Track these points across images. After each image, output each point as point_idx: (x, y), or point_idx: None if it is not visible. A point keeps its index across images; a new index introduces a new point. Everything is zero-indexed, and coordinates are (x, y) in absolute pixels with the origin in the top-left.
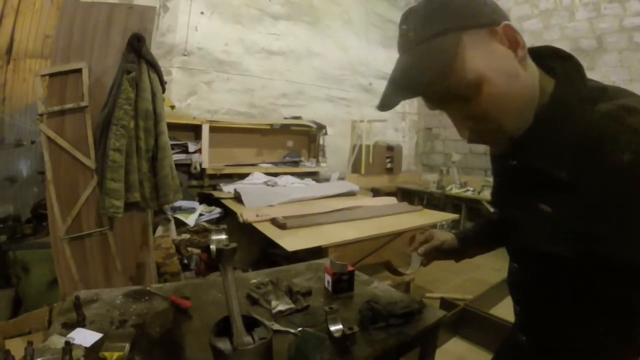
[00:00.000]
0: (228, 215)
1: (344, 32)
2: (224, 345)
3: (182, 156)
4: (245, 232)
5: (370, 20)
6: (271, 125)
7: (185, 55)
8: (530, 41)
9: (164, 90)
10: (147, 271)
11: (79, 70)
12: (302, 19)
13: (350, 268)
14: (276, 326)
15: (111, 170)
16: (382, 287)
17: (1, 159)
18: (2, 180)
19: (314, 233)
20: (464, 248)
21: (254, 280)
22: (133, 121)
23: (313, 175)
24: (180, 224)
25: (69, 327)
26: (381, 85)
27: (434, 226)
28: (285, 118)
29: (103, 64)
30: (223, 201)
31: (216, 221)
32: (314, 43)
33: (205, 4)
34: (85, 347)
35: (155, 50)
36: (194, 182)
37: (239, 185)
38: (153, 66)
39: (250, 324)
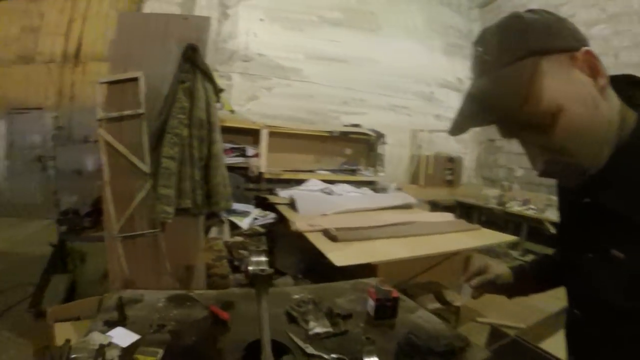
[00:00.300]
0: (282, 221)
1: (405, 39)
2: None
3: (240, 159)
4: (298, 238)
5: (432, 26)
6: (330, 132)
7: (245, 61)
8: (598, 49)
9: (218, 100)
10: (196, 274)
11: (136, 79)
12: (363, 26)
13: (394, 294)
14: (310, 349)
15: (163, 177)
16: (426, 316)
17: (70, 153)
18: (70, 172)
19: (365, 248)
20: (518, 285)
21: (296, 296)
22: (187, 130)
23: (370, 184)
24: (234, 227)
25: (111, 325)
26: (443, 94)
27: (490, 249)
28: (345, 125)
29: (159, 72)
30: (277, 207)
31: (269, 226)
32: (375, 50)
33: (265, 11)
34: (122, 347)
35: (216, 56)
36: (251, 186)
37: (294, 192)
38: (207, 76)
39: (280, 350)
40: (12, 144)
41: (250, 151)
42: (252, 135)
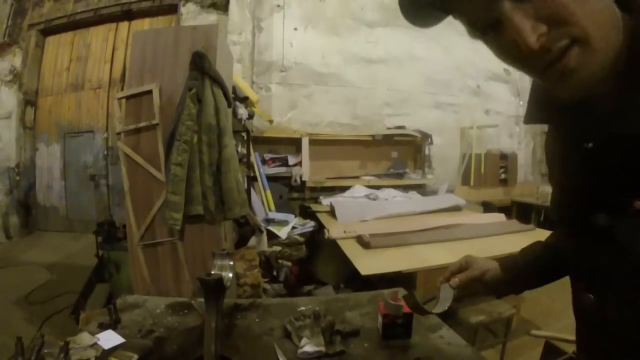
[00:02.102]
0: (322, 229)
1: (446, 32)
2: None
3: (282, 169)
4: (339, 247)
5: None
6: (373, 136)
7: (282, 71)
8: None
9: (229, 105)
10: None
11: (151, 92)
12: (400, 23)
13: (407, 310)
14: None
15: (172, 184)
16: (449, 337)
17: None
18: (121, 188)
19: (400, 255)
20: (510, 280)
21: (302, 308)
22: (196, 136)
23: (419, 187)
24: (273, 236)
25: (103, 327)
26: (490, 87)
27: None
28: (389, 128)
29: (173, 83)
30: (318, 215)
31: (310, 235)
32: (416, 47)
33: (299, 19)
34: (103, 349)
35: (253, 69)
36: (295, 195)
37: (334, 199)
38: (217, 81)
39: None
40: (67, 164)
41: (292, 160)
42: (293, 144)
